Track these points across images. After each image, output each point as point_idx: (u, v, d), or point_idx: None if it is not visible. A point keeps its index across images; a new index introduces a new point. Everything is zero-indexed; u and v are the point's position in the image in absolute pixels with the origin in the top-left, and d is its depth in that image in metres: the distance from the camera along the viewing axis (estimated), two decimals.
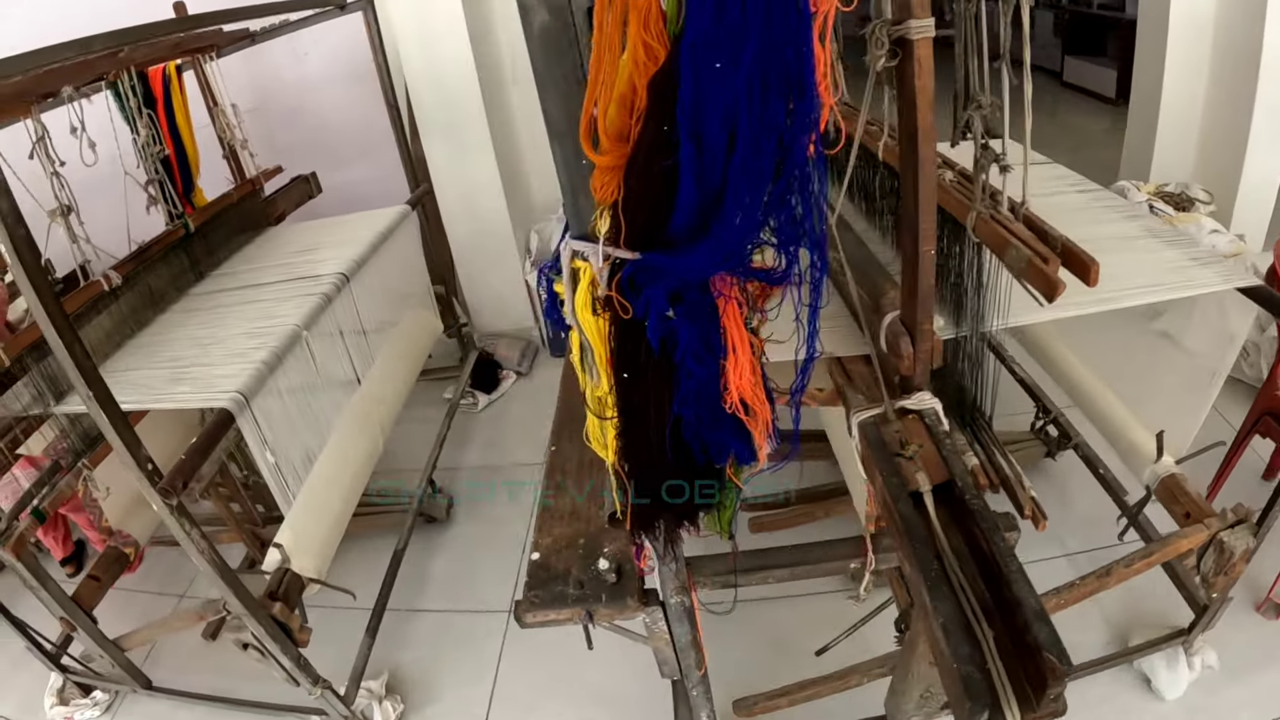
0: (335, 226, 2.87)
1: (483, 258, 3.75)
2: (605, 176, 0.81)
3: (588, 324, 0.90)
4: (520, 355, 3.83)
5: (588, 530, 1.55)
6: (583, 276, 0.87)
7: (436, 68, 3.24)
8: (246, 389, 1.80)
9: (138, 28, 1.88)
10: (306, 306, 2.18)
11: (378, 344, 2.61)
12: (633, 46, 0.72)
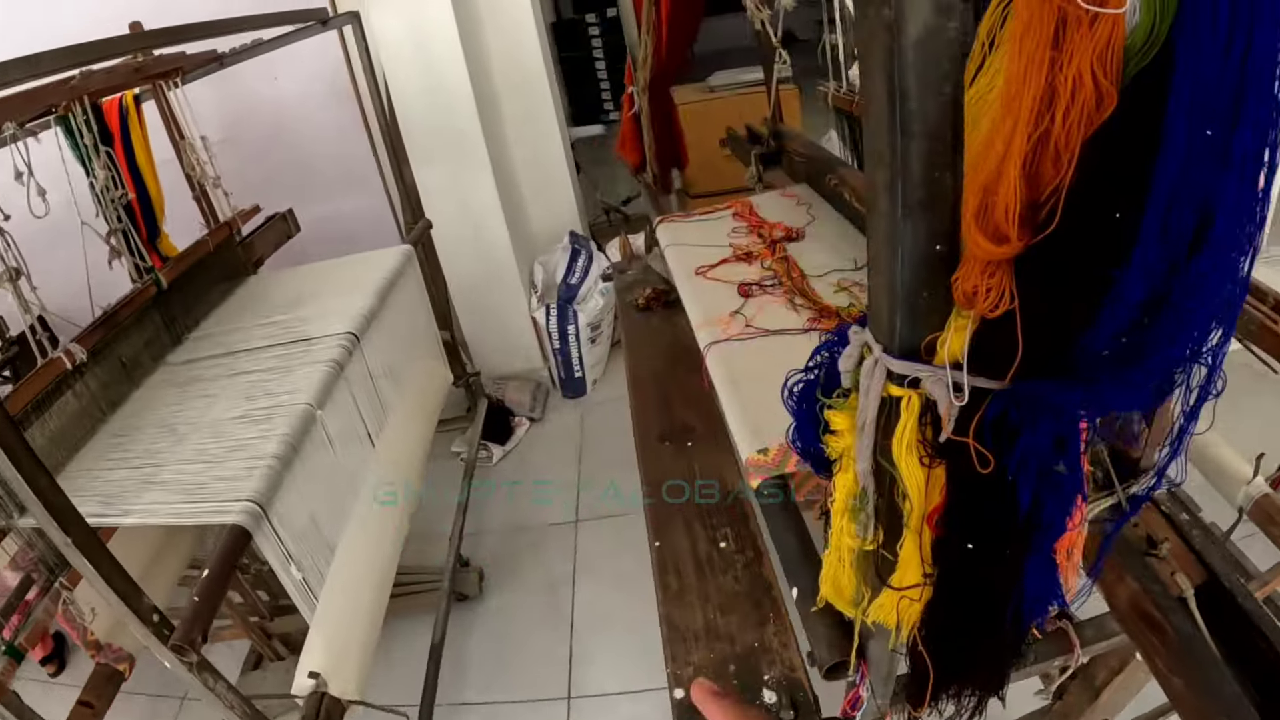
0: (327, 273, 2.49)
1: (486, 295, 3.38)
2: (982, 274, 0.56)
3: (912, 474, 0.64)
4: (532, 399, 3.47)
5: (735, 652, 1.23)
6: (907, 410, 0.63)
7: (430, 86, 2.88)
8: (260, 495, 1.43)
9: (93, 44, 1.51)
10: (315, 378, 1.81)
11: (391, 407, 2.24)
12: (1066, 88, 0.48)
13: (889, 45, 0.49)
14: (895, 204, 0.55)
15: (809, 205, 2.25)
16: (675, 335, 2.28)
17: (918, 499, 0.65)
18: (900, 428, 0.64)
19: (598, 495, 2.96)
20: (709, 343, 1.61)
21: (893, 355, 0.62)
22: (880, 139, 0.53)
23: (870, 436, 0.67)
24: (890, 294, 0.60)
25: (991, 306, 0.56)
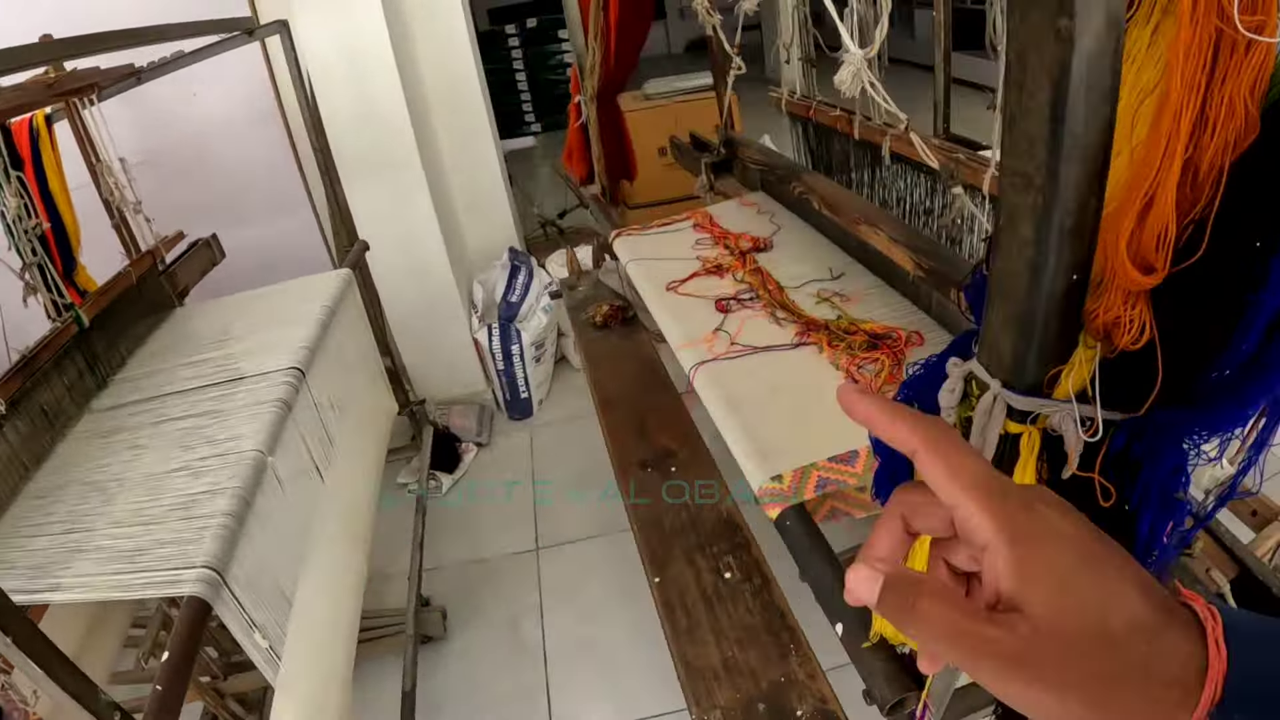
0: (260, 302, 2.31)
1: (424, 318, 3.23)
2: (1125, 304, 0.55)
3: None
4: (478, 423, 3.33)
5: (761, 690, 1.18)
6: (1027, 447, 0.61)
7: (362, 100, 2.73)
8: (216, 559, 1.28)
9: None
10: (262, 421, 1.66)
11: (339, 443, 2.09)
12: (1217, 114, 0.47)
13: (1061, 58, 0.45)
14: (1044, 230, 0.51)
15: (771, 214, 2.19)
16: (638, 353, 2.20)
17: None
18: (1020, 466, 0.62)
19: (559, 520, 2.85)
20: (696, 363, 1.53)
21: (1015, 391, 0.60)
22: (1031, 160, 0.50)
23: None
24: (1021, 326, 0.57)
25: (1134, 338, 0.54)
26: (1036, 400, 0.59)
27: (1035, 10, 0.45)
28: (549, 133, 7.80)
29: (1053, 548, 0.36)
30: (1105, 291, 0.56)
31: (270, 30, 2.18)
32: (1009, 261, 0.55)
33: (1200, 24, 0.46)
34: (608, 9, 2.11)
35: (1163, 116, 0.49)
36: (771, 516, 1.17)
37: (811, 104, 2.14)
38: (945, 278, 1.42)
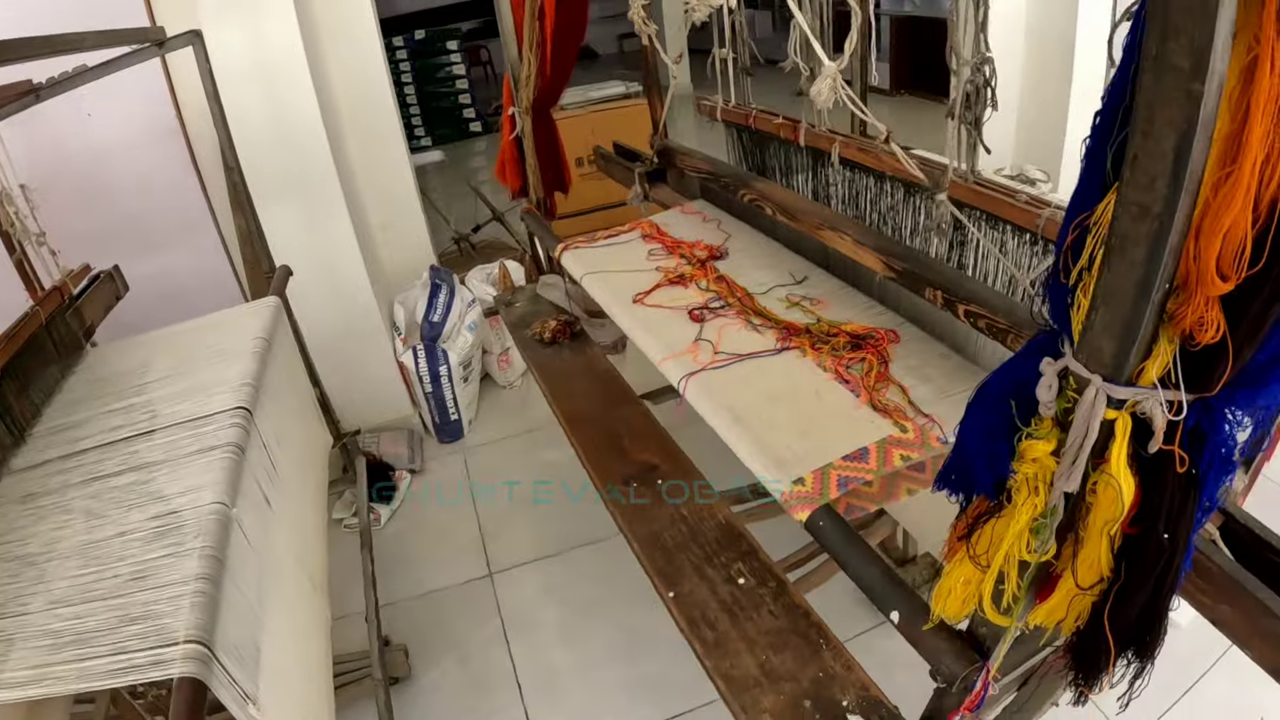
0: (183, 339, 2.16)
1: (348, 342, 3.10)
2: (1201, 306, 0.65)
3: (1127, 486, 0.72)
4: (409, 450, 3.22)
5: (804, 688, 1.18)
6: (1122, 430, 0.70)
7: (277, 116, 2.59)
8: (202, 631, 1.17)
9: None
10: (216, 469, 1.53)
11: (286, 484, 1.98)
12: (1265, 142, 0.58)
13: (1189, 114, 0.55)
14: (1157, 252, 0.61)
15: (718, 221, 2.22)
16: (593, 367, 2.17)
17: (1122, 508, 0.73)
18: (1117, 447, 0.71)
19: (509, 542, 2.79)
20: (684, 375, 1.52)
21: (1117, 383, 0.69)
22: (1151, 193, 0.59)
23: (1084, 459, 0.72)
24: (1124, 329, 0.67)
25: (1212, 335, 0.65)
26: (1134, 390, 0.69)
27: (1170, 75, 0.55)
28: (440, 146, 7.65)
29: None
30: (1190, 297, 0.65)
31: (182, 41, 2.04)
32: (1119, 278, 0.65)
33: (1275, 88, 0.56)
34: (543, 19, 2.08)
35: (1244, 158, 0.59)
36: (801, 519, 1.18)
37: (751, 112, 2.17)
38: (917, 277, 1.47)
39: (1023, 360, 0.78)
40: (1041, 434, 0.75)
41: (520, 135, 2.42)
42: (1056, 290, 0.76)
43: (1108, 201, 0.69)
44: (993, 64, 1.34)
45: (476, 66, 9.34)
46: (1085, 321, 0.70)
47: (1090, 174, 0.73)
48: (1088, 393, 0.70)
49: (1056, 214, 1.38)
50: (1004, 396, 0.78)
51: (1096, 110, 0.73)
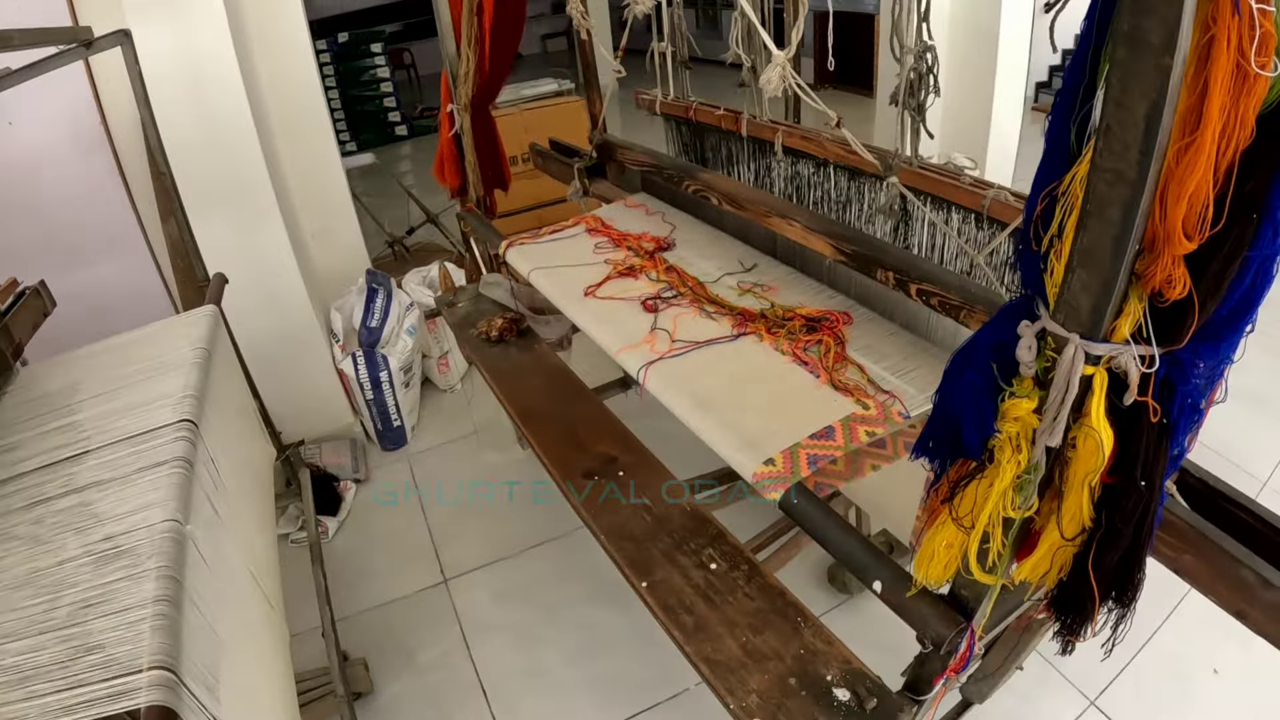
0: (118, 354, 2.07)
1: (287, 352, 3.01)
2: (1169, 265, 0.71)
3: (1106, 437, 0.77)
4: (352, 459, 3.15)
5: (788, 666, 1.20)
6: (1099, 385, 0.75)
7: (208, 120, 2.50)
8: (167, 655, 1.12)
9: None
10: (167, 486, 1.48)
11: (234, 498, 1.92)
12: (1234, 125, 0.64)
13: (1160, 85, 0.59)
14: (1131, 213, 0.65)
15: (662, 214, 2.23)
16: (543, 364, 2.16)
17: (1102, 459, 0.77)
18: (1095, 401, 0.75)
19: (461, 548, 2.75)
20: (644, 364, 1.53)
21: (1094, 340, 0.73)
22: (1125, 160, 0.64)
23: (1066, 415, 0.76)
24: (1102, 289, 0.71)
25: (1180, 291, 0.70)
26: (1110, 346, 0.73)
27: (1142, 50, 0.59)
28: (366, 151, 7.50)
29: None
30: (1158, 257, 0.70)
31: (110, 42, 1.95)
32: (1095, 240, 0.69)
33: (1229, 63, 0.61)
34: (481, 14, 2.06)
35: (1205, 128, 0.64)
36: (774, 498, 1.19)
37: (692, 105, 2.18)
38: (869, 259, 1.50)
39: (999, 324, 0.81)
40: (1023, 393, 0.78)
41: (459, 133, 2.39)
42: (1027, 258, 0.79)
43: (1075, 171, 0.72)
44: (935, 52, 1.38)
45: (400, 70, 9.19)
46: (1062, 284, 0.73)
47: (1055, 147, 0.76)
48: (1067, 351, 0.73)
49: (1000, 195, 1.43)
50: (985, 360, 0.81)
51: (1057, 90, 0.77)
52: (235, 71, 2.52)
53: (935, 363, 1.48)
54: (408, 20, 10.03)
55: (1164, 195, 0.66)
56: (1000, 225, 1.47)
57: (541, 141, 2.96)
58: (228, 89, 2.50)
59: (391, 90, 7.70)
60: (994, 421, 0.81)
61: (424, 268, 3.73)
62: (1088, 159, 0.70)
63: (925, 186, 1.53)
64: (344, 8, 9.66)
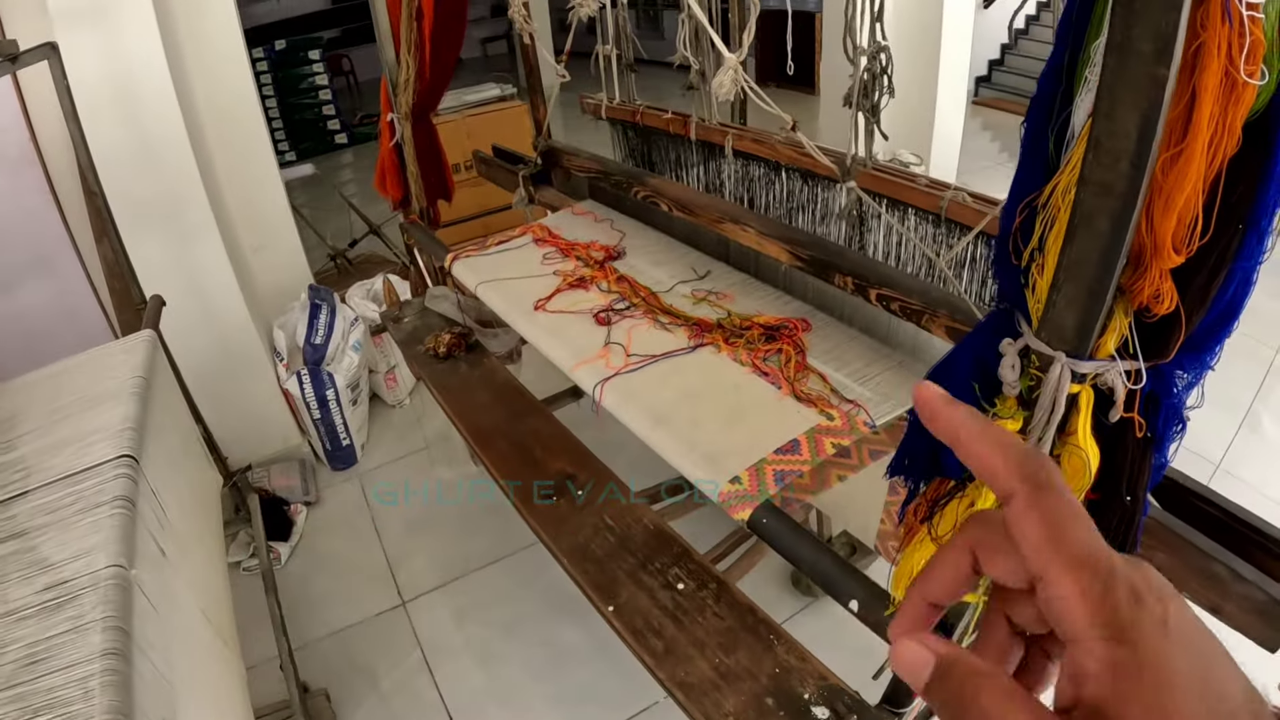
0: (50, 384, 1.96)
1: (229, 372, 2.91)
2: (1157, 279, 0.69)
3: (1093, 454, 0.75)
4: (302, 481, 3.05)
5: (763, 685, 1.18)
6: (1085, 403, 0.73)
7: (139, 134, 2.40)
8: (118, 714, 1.07)
9: None
10: (108, 528, 1.40)
11: (180, 533, 1.83)
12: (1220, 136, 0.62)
13: (1152, 97, 0.57)
14: (1120, 226, 0.63)
15: (610, 221, 2.19)
16: (493, 379, 2.10)
17: (1089, 477, 0.75)
18: (1081, 419, 0.73)
19: (418, 568, 2.68)
20: (599, 380, 1.49)
21: (1080, 358, 0.71)
22: (1114, 172, 0.63)
23: (1051, 435, 0.74)
24: (1089, 305, 0.68)
25: (1168, 306, 0.68)
26: (1097, 363, 0.71)
27: (1134, 60, 0.56)
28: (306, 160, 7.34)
29: (1160, 651, 0.28)
30: (1145, 271, 0.68)
31: (35, 56, 1.84)
32: (1083, 251, 0.66)
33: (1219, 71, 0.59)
34: (421, 19, 1.99)
35: (1195, 138, 0.62)
36: (742, 518, 1.16)
37: (638, 108, 2.15)
38: (826, 265, 1.48)
39: (978, 341, 0.79)
40: (1007, 414, 0.76)
41: (400, 142, 2.32)
42: (1006, 270, 0.77)
43: (1056, 182, 0.70)
44: (889, 52, 1.36)
45: (339, 76, 9.00)
46: (1047, 300, 0.71)
47: (1032, 158, 0.74)
48: (1053, 370, 0.72)
49: (958, 196, 1.41)
50: (965, 379, 0.78)
51: (1032, 96, 0.75)
52: (168, 83, 2.42)
53: (897, 367, 1.47)
54: (346, 26, 9.84)
55: (1150, 208, 0.65)
56: (958, 226, 1.46)
57: (484, 148, 2.90)
58: (160, 102, 2.40)
59: (330, 98, 7.53)
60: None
61: (368, 280, 3.64)
62: (1070, 170, 0.68)
63: (881, 189, 1.52)
64: (282, 14, 9.44)
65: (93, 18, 2.29)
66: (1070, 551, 0.30)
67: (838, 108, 4.48)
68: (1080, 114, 0.69)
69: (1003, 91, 7.42)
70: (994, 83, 7.58)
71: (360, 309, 3.41)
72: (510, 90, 4.25)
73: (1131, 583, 0.29)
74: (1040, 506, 0.31)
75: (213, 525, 2.15)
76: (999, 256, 0.79)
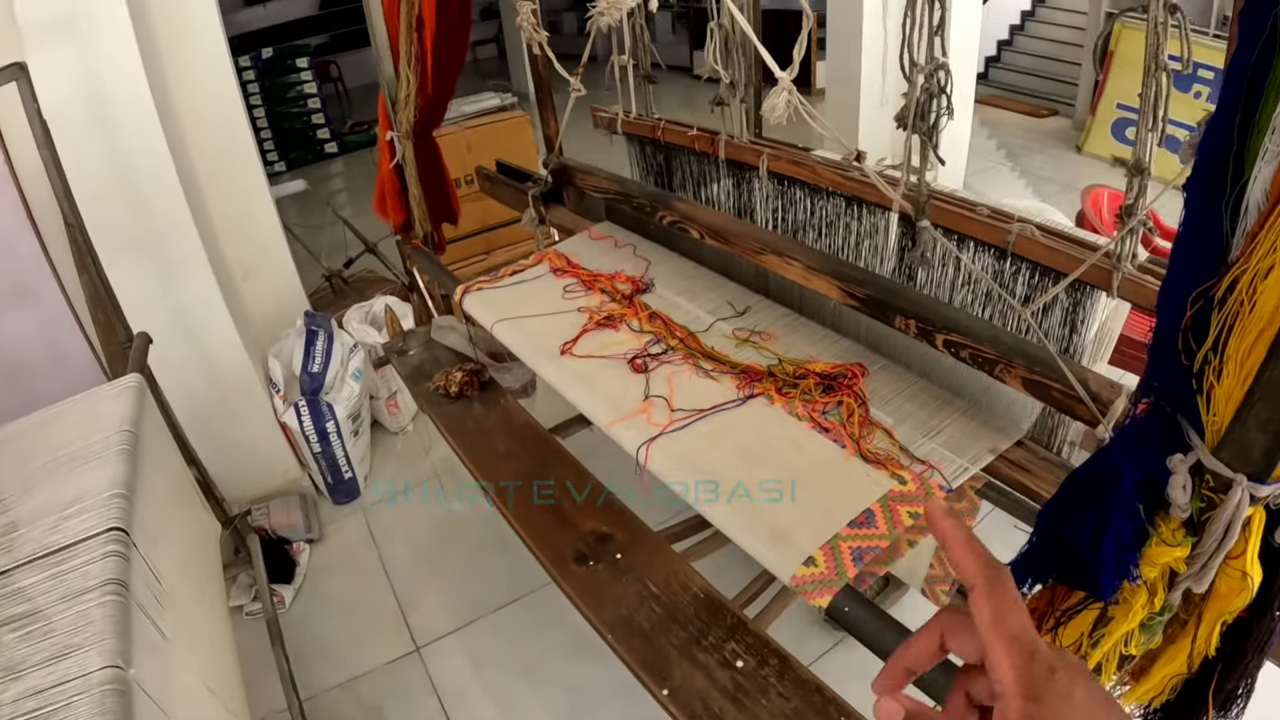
0: (25, 441, 1.80)
1: (224, 407, 2.77)
2: None
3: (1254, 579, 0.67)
4: (304, 517, 2.91)
5: None
6: (1256, 525, 0.65)
7: (120, 158, 2.25)
8: None
9: None
10: (99, 618, 1.26)
11: (179, 597, 1.69)
12: None
13: None
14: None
15: (632, 246, 2.06)
16: (511, 421, 1.96)
17: (1248, 598, 0.68)
18: (1250, 543, 0.66)
19: (430, 609, 2.56)
20: (642, 442, 1.35)
21: (1262, 482, 0.62)
22: None
23: (1219, 561, 0.66)
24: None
25: None
26: (1276, 486, 0.62)
27: None
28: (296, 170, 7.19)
29: (1063, 710, 0.39)
30: None
31: (3, 77, 1.70)
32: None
33: None
34: (422, 30, 1.85)
35: None
36: (820, 604, 1.04)
37: (659, 123, 2.01)
38: (885, 305, 1.36)
39: (1138, 453, 0.67)
40: (1175, 541, 0.64)
41: (401, 163, 2.18)
42: (1170, 370, 0.64)
43: (1236, 273, 0.57)
44: (948, 69, 1.23)
45: (328, 83, 8.81)
46: (1234, 418, 0.59)
47: (1199, 235, 0.62)
48: (1233, 494, 0.62)
49: (1025, 230, 1.29)
50: (1130, 501, 0.66)
51: (1195, 163, 0.63)
52: (149, 102, 2.27)
53: (964, 417, 1.34)
54: (334, 32, 9.65)
55: None
56: (1026, 263, 1.34)
57: (485, 161, 2.77)
58: (141, 123, 2.26)
59: (320, 106, 7.34)
60: (1135, 568, 0.66)
61: (365, 302, 3.49)
62: (1258, 257, 0.55)
63: (938, 219, 1.39)
64: (268, 21, 9.25)
65: (65, 32, 2.14)
66: (1008, 631, 0.41)
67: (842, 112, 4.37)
68: (1259, 188, 0.56)
69: (1000, 89, 7.28)
70: (991, 80, 7.44)
71: (359, 334, 3.27)
72: (510, 100, 4.10)
73: (1050, 661, 0.40)
74: (992, 597, 0.42)
75: (212, 578, 2.02)
76: (1160, 351, 0.66)
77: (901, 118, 1.35)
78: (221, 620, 1.92)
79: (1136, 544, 0.66)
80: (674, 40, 7.96)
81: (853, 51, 4.02)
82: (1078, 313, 1.31)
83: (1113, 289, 1.19)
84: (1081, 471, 0.71)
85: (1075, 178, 5.42)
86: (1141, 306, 1.17)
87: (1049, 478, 1.26)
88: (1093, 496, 0.69)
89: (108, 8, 2.20)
